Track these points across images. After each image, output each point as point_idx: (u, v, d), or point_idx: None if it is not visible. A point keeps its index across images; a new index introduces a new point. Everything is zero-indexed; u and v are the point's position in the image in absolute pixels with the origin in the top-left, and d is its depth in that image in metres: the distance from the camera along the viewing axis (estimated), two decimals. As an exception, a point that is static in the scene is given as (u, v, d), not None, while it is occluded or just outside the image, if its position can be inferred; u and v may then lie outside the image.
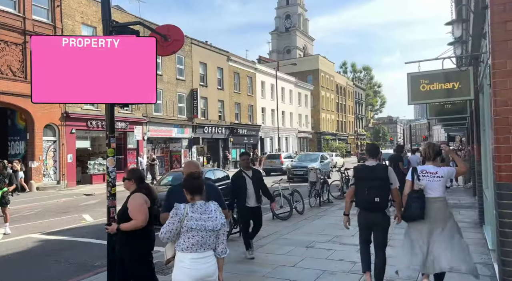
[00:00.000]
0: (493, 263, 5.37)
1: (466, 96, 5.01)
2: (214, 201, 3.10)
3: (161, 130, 26.19)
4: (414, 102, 5.30)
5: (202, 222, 2.91)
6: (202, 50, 30.75)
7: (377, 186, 4.29)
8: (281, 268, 5.67)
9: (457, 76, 5.05)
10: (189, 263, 2.89)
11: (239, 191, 6.26)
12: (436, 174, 4.20)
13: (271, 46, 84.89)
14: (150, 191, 3.99)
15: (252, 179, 6.25)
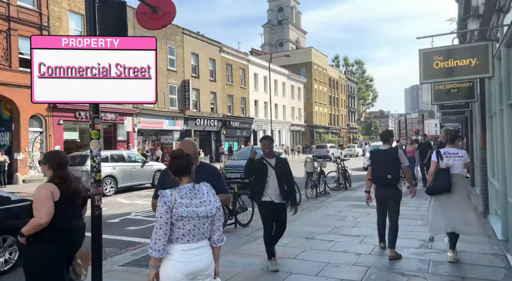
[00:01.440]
0: (506, 254, 5.06)
1: (484, 74, 4.65)
2: (207, 183, 2.69)
3: (152, 122, 25.62)
4: (426, 81, 4.93)
5: (194, 208, 2.49)
6: (194, 40, 30.10)
7: (389, 166, 5.27)
8: (280, 260, 5.28)
9: (474, 51, 4.68)
10: (179, 255, 2.48)
11: (255, 176, 5.05)
12: (457, 155, 5.00)
13: (264, 39, 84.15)
14: (66, 182, 3.19)
15: (276, 168, 4.94)
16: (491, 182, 7.43)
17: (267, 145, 5.03)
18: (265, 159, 5.03)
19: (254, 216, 7.98)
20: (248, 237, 6.67)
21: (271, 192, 4.92)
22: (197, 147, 3.25)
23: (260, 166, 4.99)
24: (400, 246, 5.77)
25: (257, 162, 5.04)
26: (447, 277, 4.42)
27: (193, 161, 2.70)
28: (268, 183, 4.92)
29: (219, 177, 3.25)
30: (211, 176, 3.16)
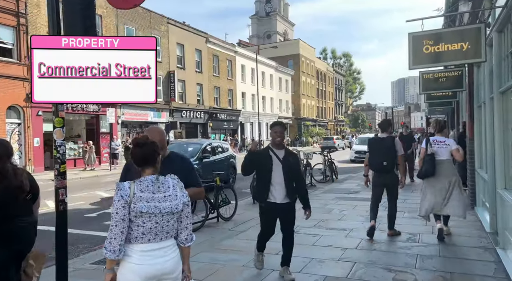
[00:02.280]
0: (495, 248, 4.90)
1: (476, 59, 4.43)
2: (174, 175, 2.38)
3: (136, 114, 25.04)
4: (415, 67, 4.69)
5: (156, 203, 2.19)
6: (179, 30, 29.45)
7: (385, 153, 5.60)
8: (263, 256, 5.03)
9: (466, 35, 4.45)
10: (139, 257, 2.17)
11: (257, 171, 4.20)
12: (444, 142, 5.54)
13: (251, 30, 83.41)
14: (6, 177, 2.77)
15: (284, 162, 4.04)
16: (479, 173, 7.30)
17: (279, 132, 4.07)
18: (272, 150, 4.10)
19: (238, 210, 7.73)
20: (231, 232, 6.41)
21: (276, 191, 4.03)
22: (165, 135, 2.92)
23: (264, 159, 4.08)
24: (387, 240, 5.60)
25: (261, 153, 4.19)
26: (435, 272, 4.23)
27: (159, 150, 2.38)
28: (273, 180, 4.01)
29: (191, 169, 2.93)
30: (182, 167, 2.85)
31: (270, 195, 4.07)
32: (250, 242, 5.72)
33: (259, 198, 4.24)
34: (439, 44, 4.46)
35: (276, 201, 4.07)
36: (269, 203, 4.10)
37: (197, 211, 6.88)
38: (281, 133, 4.11)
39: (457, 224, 6.44)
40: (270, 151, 4.12)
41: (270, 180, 4.03)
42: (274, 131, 4.13)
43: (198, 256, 5.08)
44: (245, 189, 10.82)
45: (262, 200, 4.17)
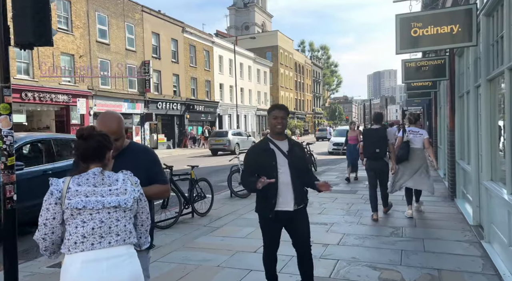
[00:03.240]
0: (481, 241, 4.73)
1: (467, 43, 4.19)
2: (126, 171, 1.98)
3: (109, 105, 24.07)
4: (403, 51, 4.40)
5: (98, 198, 1.78)
6: (154, 19, 28.47)
7: (377, 142, 6.17)
8: (240, 254, 4.70)
9: (456, 17, 4.20)
10: (80, 270, 1.71)
11: (258, 173, 3.04)
12: (418, 132, 6.44)
13: (229, 22, 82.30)
14: None
15: (290, 156, 3.15)
16: (460, 164, 7.18)
17: (279, 118, 3.10)
18: (273, 142, 3.16)
19: (214, 204, 7.36)
20: (206, 228, 6.03)
21: (284, 195, 3.08)
22: (123, 122, 2.47)
23: (265, 155, 3.11)
24: (369, 235, 5.37)
25: (259, 148, 3.22)
26: (422, 269, 4.00)
27: (111, 143, 1.96)
28: (279, 181, 3.05)
29: (155, 162, 2.51)
30: (144, 160, 2.44)
31: (278, 202, 3.08)
32: (226, 239, 5.38)
33: (265, 208, 3.12)
34: (428, 26, 4.19)
35: (287, 209, 3.09)
36: (279, 213, 3.09)
37: (170, 206, 6.46)
38: (282, 119, 3.11)
39: (438, 217, 6.31)
40: (271, 144, 3.15)
41: (277, 182, 3.03)
42: (273, 116, 3.12)
43: (169, 256, 4.69)
44: (222, 182, 10.44)
45: (268, 211, 3.09)
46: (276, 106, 3.20)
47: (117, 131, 2.33)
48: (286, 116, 3.16)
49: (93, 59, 22.98)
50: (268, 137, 3.24)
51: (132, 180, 1.92)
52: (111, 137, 2.25)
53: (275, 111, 3.14)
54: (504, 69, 3.71)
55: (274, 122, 3.14)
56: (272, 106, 3.22)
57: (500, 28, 4.06)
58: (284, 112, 3.15)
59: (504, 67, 3.74)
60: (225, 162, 8.95)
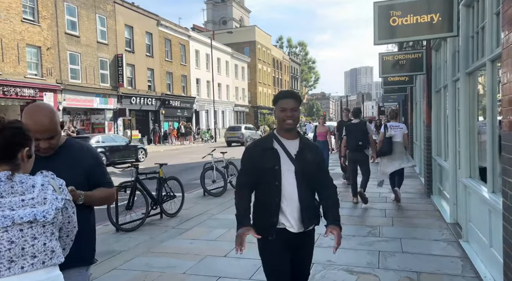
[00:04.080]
0: (459, 240, 4.58)
1: (448, 33, 3.98)
2: (47, 172, 1.59)
3: (80, 100, 23.15)
4: (381, 41, 4.17)
5: (5, 212, 1.37)
6: (127, 11, 27.52)
7: (359, 135, 6.76)
8: (208, 259, 4.37)
9: (437, 5, 3.99)
10: None
11: (258, 183, 2.36)
12: (399, 127, 7.10)
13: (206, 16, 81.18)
14: None
15: (297, 160, 2.31)
16: (436, 160, 7.08)
17: (289, 111, 2.28)
18: (279, 140, 2.35)
19: (185, 204, 6.99)
20: (174, 230, 5.66)
21: (289, 211, 2.27)
22: (57, 115, 2.04)
23: (265, 155, 2.30)
24: (346, 235, 5.10)
25: (259, 145, 2.40)
26: (401, 272, 3.79)
27: (25, 138, 1.55)
28: (282, 193, 2.27)
29: (98, 162, 2.13)
30: (83, 160, 2.06)
31: (280, 218, 2.27)
32: (195, 242, 5.04)
33: (263, 226, 2.28)
34: (407, 15, 3.97)
35: (291, 229, 2.27)
36: (281, 232, 2.26)
37: (136, 207, 6.05)
38: (293, 111, 2.28)
39: (415, 214, 6.16)
40: (276, 142, 2.33)
41: (280, 193, 2.26)
42: (280, 108, 2.29)
43: (131, 263, 4.31)
44: (195, 180, 10.05)
45: (269, 229, 2.27)
46: (283, 94, 2.34)
47: (51, 127, 1.92)
48: (297, 107, 2.30)
49: (62, 51, 21.97)
50: (274, 133, 2.40)
51: (54, 185, 1.54)
52: (43, 134, 1.87)
53: (284, 101, 2.29)
54: (486, 61, 3.52)
55: (282, 115, 2.29)
56: (278, 94, 2.36)
57: (481, 18, 3.88)
58: (294, 102, 2.29)
59: (485, 59, 3.55)
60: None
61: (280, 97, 2.34)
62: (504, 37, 2.55)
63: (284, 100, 2.30)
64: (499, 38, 3.17)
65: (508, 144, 2.50)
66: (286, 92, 2.38)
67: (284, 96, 2.33)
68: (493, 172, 3.52)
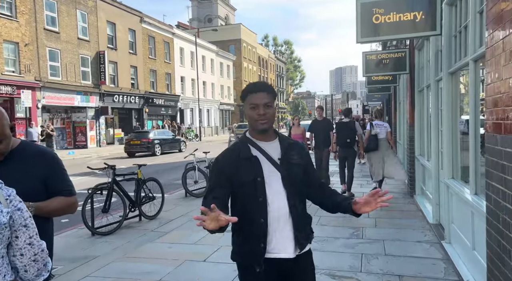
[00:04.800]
0: (441, 242, 4.54)
1: (431, 31, 3.92)
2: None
3: (60, 97, 22.55)
4: (364, 40, 4.07)
5: None
6: (109, 7, 26.94)
7: (348, 133, 7.47)
8: (187, 264, 4.22)
9: (420, 3, 3.91)
10: None
11: (233, 196, 1.89)
12: (383, 125, 7.62)
13: (191, 13, 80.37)
14: None
15: (282, 166, 1.87)
16: (419, 160, 7.07)
17: (261, 107, 1.84)
18: (255, 144, 1.91)
19: (165, 205, 6.80)
20: (153, 234, 5.48)
21: (277, 232, 1.84)
22: (5, 118, 1.81)
23: (243, 166, 1.85)
24: (329, 237, 5.05)
25: (234, 154, 1.90)
26: (383, 276, 3.71)
27: None
28: (269, 210, 1.82)
29: (57, 167, 1.95)
30: (39, 165, 1.87)
31: (269, 243, 1.82)
32: (174, 246, 4.88)
33: (247, 256, 1.86)
34: (390, 13, 3.89)
35: (283, 255, 1.84)
36: (271, 262, 1.83)
37: (113, 210, 5.84)
38: (266, 108, 1.83)
39: (398, 215, 6.13)
40: (253, 148, 1.88)
41: (266, 210, 1.81)
42: (251, 104, 1.85)
43: (106, 269, 4.12)
44: (177, 180, 9.84)
45: (254, 260, 1.83)
46: (252, 88, 1.88)
47: None
48: (271, 101, 1.86)
49: (41, 48, 21.34)
50: (247, 136, 1.93)
51: (0, 195, 1.38)
52: None
53: (252, 96, 1.85)
54: (469, 61, 3.46)
55: (253, 114, 1.84)
56: (247, 88, 1.91)
57: (464, 17, 3.82)
58: (267, 95, 1.85)
59: (468, 58, 3.49)
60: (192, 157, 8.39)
61: (249, 90, 1.88)
62: (488, 36, 2.47)
63: (254, 95, 1.85)
64: (483, 37, 3.11)
65: (491, 146, 2.43)
66: (255, 85, 1.91)
67: (253, 89, 1.87)
68: (476, 173, 3.47)
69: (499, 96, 2.26)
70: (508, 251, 2.15)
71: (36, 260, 1.50)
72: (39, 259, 1.48)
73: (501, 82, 2.24)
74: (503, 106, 2.20)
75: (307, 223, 1.97)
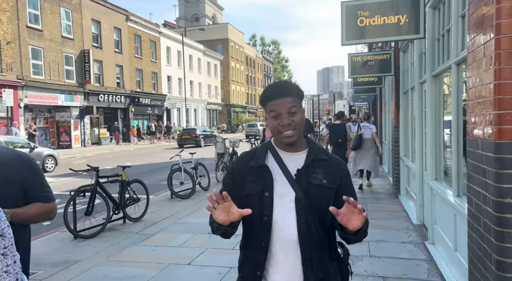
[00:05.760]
0: (424, 243, 4.59)
1: (414, 35, 3.95)
2: None
3: (43, 97, 22.10)
4: (349, 42, 4.09)
5: None
6: (94, 5, 26.52)
7: (340, 133, 8.34)
8: (171, 268, 4.16)
9: (404, 6, 3.94)
10: None
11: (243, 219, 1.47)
12: (369, 127, 8.69)
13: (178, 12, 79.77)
14: None
15: (300, 179, 1.50)
16: (404, 161, 7.15)
17: (285, 115, 1.48)
18: (276, 152, 1.57)
19: (151, 207, 6.72)
20: (137, 236, 5.40)
21: (280, 264, 1.50)
22: None
23: (253, 174, 1.54)
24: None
25: (247, 159, 1.60)
26: (367, 278, 3.73)
27: None
28: (274, 230, 1.49)
29: (34, 173, 1.87)
30: (16, 172, 1.81)
31: (270, 274, 1.52)
32: (158, 249, 4.81)
33: (242, 279, 1.63)
34: (374, 16, 3.91)
35: None
36: None
37: (97, 212, 5.74)
38: (291, 115, 1.48)
39: (383, 216, 6.18)
40: (271, 156, 1.58)
41: (270, 232, 1.50)
42: (273, 112, 1.50)
43: (87, 274, 4.04)
44: (163, 181, 9.74)
45: None
46: (273, 91, 1.52)
47: None
48: (298, 106, 1.51)
49: (23, 46, 20.88)
50: (271, 142, 1.62)
51: None
52: None
53: (273, 102, 1.50)
54: (451, 64, 3.49)
55: (275, 124, 1.50)
56: (266, 92, 1.55)
57: (447, 21, 3.86)
58: (291, 100, 1.49)
59: (451, 62, 3.53)
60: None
61: (268, 97, 1.52)
62: (470, 40, 2.50)
63: (276, 101, 1.49)
64: (465, 41, 3.15)
65: (473, 150, 2.45)
66: (276, 88, 1.53)
67: (273, 95, 1.50)
68: (458, 176, 3.52)
69: (480, 101, 2.29)
70: (489, 255, 2.18)
71: (8, 272, 1.44)
72: (11, 271, 1.42)
73: (482, 87, 2.26)
74: (484, 110, 2.22)
75: (329, 261, 1.52)
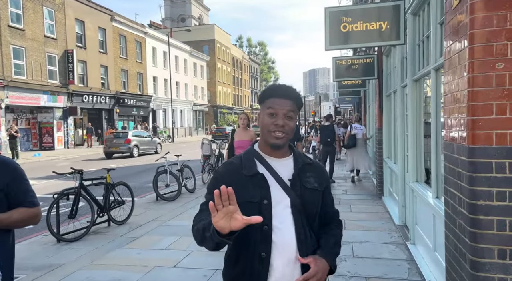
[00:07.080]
0: (406, 243, 4.70)
1: (395, 41, 4.06)
2: None
3: (25, 97, 21.68)
4: (332, 47, 4.16)
5: None
6: (78, 5, 26.15)
7: (328, 133, 9.64)
8: (156, 271, 4.16)
9: (385, 13, 4.04)
10: None
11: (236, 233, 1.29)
12: (360, 128, 9.94)
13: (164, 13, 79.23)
14: None
15: (294, 186, 1.50)
16: (387, 163, 7.29)
17: (280, 117, 1.48)
18: (263, 159, 1.53)
19: (136, 209, 6.69)
20: (122, 239, 5.37)
21: (279, 268, 1.45)
22: None
23: (247, 183, 1.47)
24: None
25: (237, 168, 1.52)
26: (350, 279, 3.80)
27: None
28: (274, 240, 1.45)
29: (18, 178, 1.87)
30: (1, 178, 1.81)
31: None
32: (143, 252, 4.80)
33: None
34: (357, 22, 4.00)
35: None
36: None
37: (81, 215, 5.68)
38: (287, 119, 1.48)
39: (367, 217, 6.29)
40: (260, 164, 1.53)
41: (270, 242, 1.45)
42: (270, 109, 1.49)
43: (71, 278, 4.01)
44: (149, 183, 9.70)
45: None
46: (276, 91, 1.52)
47: None
48: (295, 113, 1.52)
49: (5, 45, 20.46)
50: (254, 148, 1.58)
51: None
52: None
53: (273, 100, 1.50)
54: (430, 70, 3.60)
55: (268, 122, 1.49)
56: (268, 90, 1.55)
57: (427, 27, 3.98)
58: (291, 104, 1.49)
59: (430, 67, 3.64)
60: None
61: (272, 94, 1.51)
62: (446, 48, 2.59)
63: (276, 100, 1.48)
64: (443, 48, 3.25)
65: (449, 154, 2.54)
66: (281, 88, 1.52)
67: (277, 93, 1.50)
68: (437, 177, 3.62)
69: (456, 106, 2.38)
70: (464, 254, 2.26)
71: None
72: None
73: (457, 93, 2.35)
74: (459, 116, 2.32)
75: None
